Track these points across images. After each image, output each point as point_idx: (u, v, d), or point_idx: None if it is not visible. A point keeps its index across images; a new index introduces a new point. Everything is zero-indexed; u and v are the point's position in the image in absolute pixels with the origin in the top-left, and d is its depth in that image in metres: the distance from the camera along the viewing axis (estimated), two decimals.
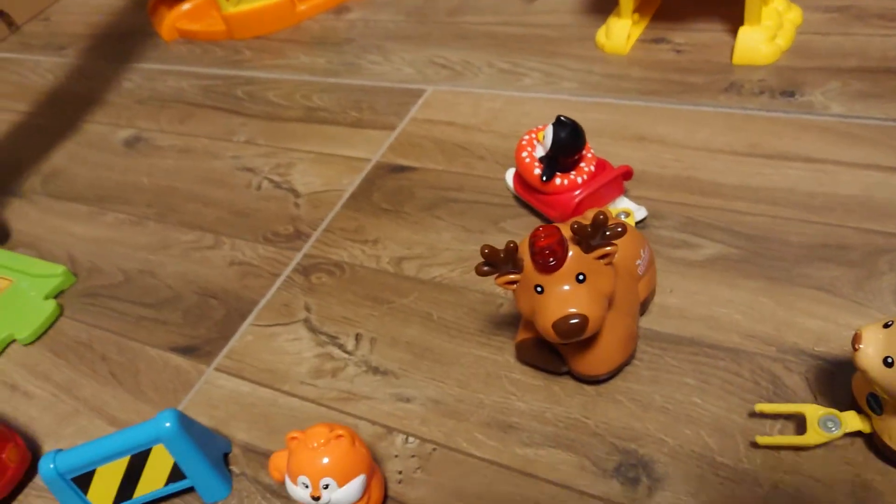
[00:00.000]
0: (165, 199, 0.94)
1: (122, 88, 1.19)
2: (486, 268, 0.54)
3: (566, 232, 0.53)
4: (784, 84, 0.80)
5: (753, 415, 0.55)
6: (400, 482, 0.58)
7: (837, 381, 0.55)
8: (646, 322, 0.63)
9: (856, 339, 0.47)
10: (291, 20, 1.19)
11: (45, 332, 0.81)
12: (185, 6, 1.26)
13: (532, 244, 0.52)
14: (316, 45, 1.13)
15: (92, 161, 1.05)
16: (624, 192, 0.72)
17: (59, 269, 0.85)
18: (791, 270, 0.63)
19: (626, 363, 0.60)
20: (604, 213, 0.50)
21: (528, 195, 0.74)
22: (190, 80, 1.14)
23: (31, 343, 0.80)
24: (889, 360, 0.45)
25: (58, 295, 0.85)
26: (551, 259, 0.51)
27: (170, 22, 1.26)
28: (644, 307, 0.63)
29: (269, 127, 0.99)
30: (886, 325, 0.47)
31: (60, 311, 0.82)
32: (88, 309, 0.82)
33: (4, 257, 0.89)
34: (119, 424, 0.69)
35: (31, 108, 1.22)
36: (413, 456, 0.59)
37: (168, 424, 0.56)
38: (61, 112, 1.18)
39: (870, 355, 0.46)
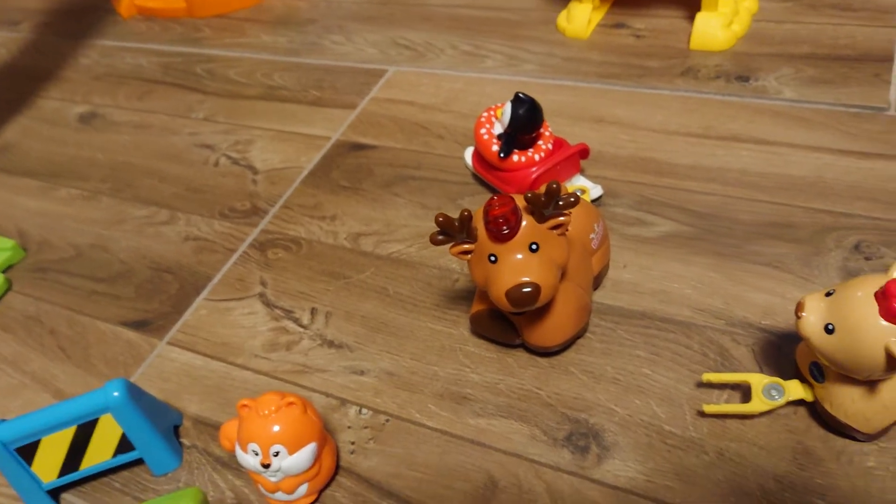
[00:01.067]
0: (120, 174, 0.92)
1: (79, 65, 1.16)
2: (440, 237, 0.54)
3: (520, 202, 0.53)
4: (739, 69, 0.82)
5: (701, 385, 0.56)
6: (353, 452, 0.58)
7: (783, 352, 0.57)
8: (599, 296, 0.64)
9: (798, 308, 0.48)
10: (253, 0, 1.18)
11: None
12: None
13: (486, 213, 0.52)
14: (278, 24, 1.12)
15: (46, 136, 1.02)
16: (580, 171, 0.73)
17: (9, 243, 0.83)
18: (741, 247, 0.65)
19: (579, 335, 0.60)
20: (557, 183, 0.51)
21: (486, 172, 0.74)
22: (149, 57, 1.13)
23: None
24: (830, 327, 0.47)
25: (6, 269, 0.83)
26: (505, 228, 0.52)
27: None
28: (598, 281, 0.63)
29: (229, 104, 0.98)
30: (828, 294, 0.48)
31: (9, 286, 0.80)
32: (38, 283, 0.80)
33: None
34: (67, 398, 0.68)
35: None
36: (366, 427, 0.59)
37: (116, 394, 0.55)
38: (14, 87, 1.15)
39: (812, 322, 0.48)
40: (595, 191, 0.71)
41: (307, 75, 1.00)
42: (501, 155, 0.70)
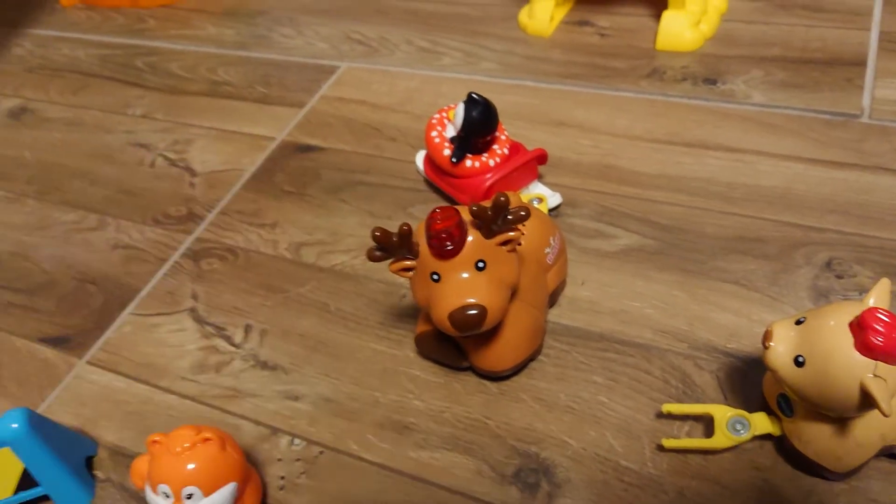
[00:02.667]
0: (48, 175, 0.85)
1: (11, 55, 1.09)
2: (378, 252, 0.49)
3: (466, 215, 0.49)
4: (707, 71, 0.78)
5: (661, 416, 0.52)
6: (282, 488, 0.52)
7: (748, 379, 0.53)
8: (554, 315, 0.59)
9: (766, 337, 0.44)
10: None
11: None
12: None
13: (428, 227, 0.47)
14: (226, 15, 1.05)
15: None
16: (538, 178, 0.68)
17: None
18: (706, 263, 0.61)
19: (532, 359, 0.56)
20: (505, 196, 0.46)
21: (438, 178, 0.69)
22: (87, 49, 1.06)
23: None
24: (800, 359, 0.42)
25: None
26: (448, 244, 0.47)
27: None
28: (553, 299, 0.59)
29: (169, 101, 0.92)
30: (798, 322, 0.44)
31: None
32: None
33: None
34: None
35: None
36: (298, 460, 0.54)
37: (15, 426, 0.49)
38: None
39: (780, 353, 0.43)
40: (553, 199, 0.66)
41: (254, 70, 0.94)
42: (453, 160, 0.65)
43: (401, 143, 0.78)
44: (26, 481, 0.52)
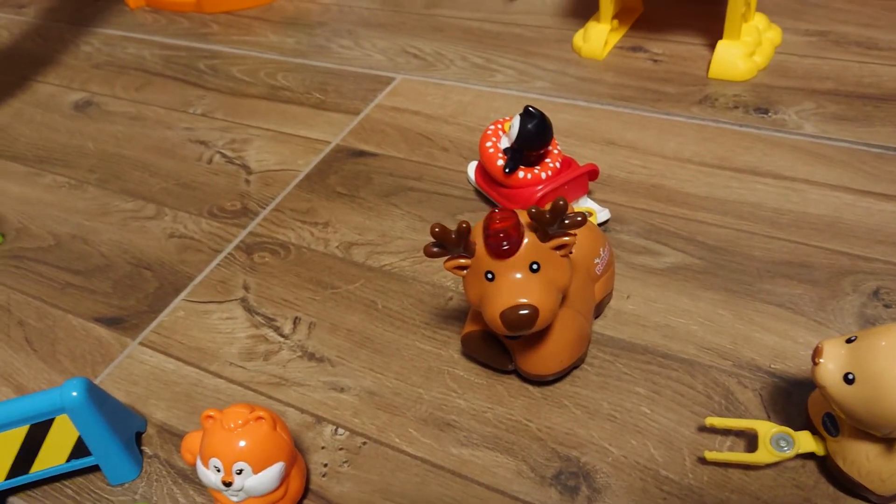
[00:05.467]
0: (110, 165, 0.88)
1: (80, 52, 1.13)
2: (435, 248, 0.50)
3: (523, 218, 0.50)
4: (758, 101, 0.79)
5: (703, 429, 0.52)
6: (324, 475, 0.54)
7: (792, 400, 0.53)
8: (600, 326, 0.60)
9: (816, 353, 0.45)
10: None
11: None
12: None
13: (486, 226, 0.48)
14: (287, 25, 1.09)
15: (38, 121, 0.99)
16: (588, 193, 0.69)
17: None
18: (753, 285, 0.61)
19: (576, 365, 0.56)
20: (564, 200, 0.47)
21: (489, 188, 0.70)
22: (152, 49, 1.10)
23: None
24: (850, 376, 0.43)
25: None
26: (505, 244, 0.48)
27: None
28: (599, 310, 0.60)
29: (229, 102, 0.95)
30: (849, 341, 0.44)
31: None
32: (11, 271, 0.76)
33: None
34: (26, 393, 0.64)
35: None
36: (341, 449, 0.55)
37: (75, 394, 0.51)
38: (12, 70, 1.12)
39: (830, 370, 0.44)
40: (602, 214, 0.67)
41: (312, 77, 0.96)
42: (507, 171, 0.67)
43: (452, 153, 0.80)
44: (79, 450, 0.54)
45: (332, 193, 0.78)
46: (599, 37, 0.89)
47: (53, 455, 0.54)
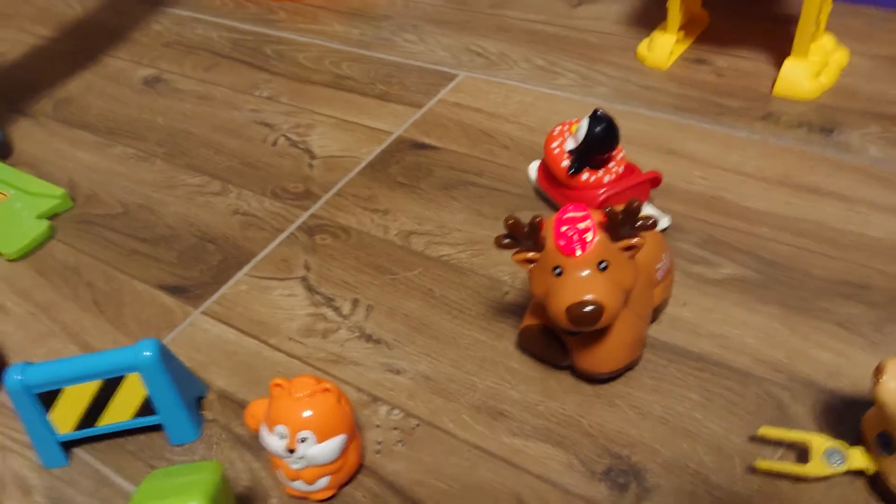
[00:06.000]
0: (177, 140, 0.91)
1: (150, 29, 1.16)
2: (507, 240, 0.52)
3: (595, 216, 0.51)
4: (823, 121, 0.79)
5: (754, 439, 0.53)
6: (378, 452, 0.55)
7: (845, 418, 0.53)
8: (655, 330, 0.61)
9: (878, 371, 0.45)
10: None
11: (32, 251, 0.78)
12: None
13: (559, 222, 0.50)
14: (352, 15, 1.11)
15: (108, 94, 1.02)
16: (649, 200, 0.70)
17: (59, 191, 0.82)
18: (810, 302, 0.61)
19: (630, 367, 0.57)
20: (639, 202, 0.48)
21: (551, 188, 0.72)
22: (220, 31, 1.12)
23: (17, 260, 0.77)
24: None
25: (53, 217, 0.82)
26: (577, 241, 0.49)
27: None
28: (656, 314, 0.60)
29: (294, 87, 0.97)
30: None
31: (52, 233, 0.80)
32: (82, 235, 0.79)
33: (5, 172, 0.86)
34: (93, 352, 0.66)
35: (52, 34, 1.19)
36: (395, 428, 0.57)
37: (147, 353, 0.54)
38: (84, 42, 1.15)
39: (892, 389, 0.44)
40: (663, 221, 0.68)
41: (376, 69, 0.98)
42: (571, 171, 0.68)
43: (513, 152, 0.81)
44: (145, 409, 0.56)
45: (393, 182, 0.79)
46: (665, 47, 0.90)
47: (121, 411, 0.56)
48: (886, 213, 0.68)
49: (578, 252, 0.50)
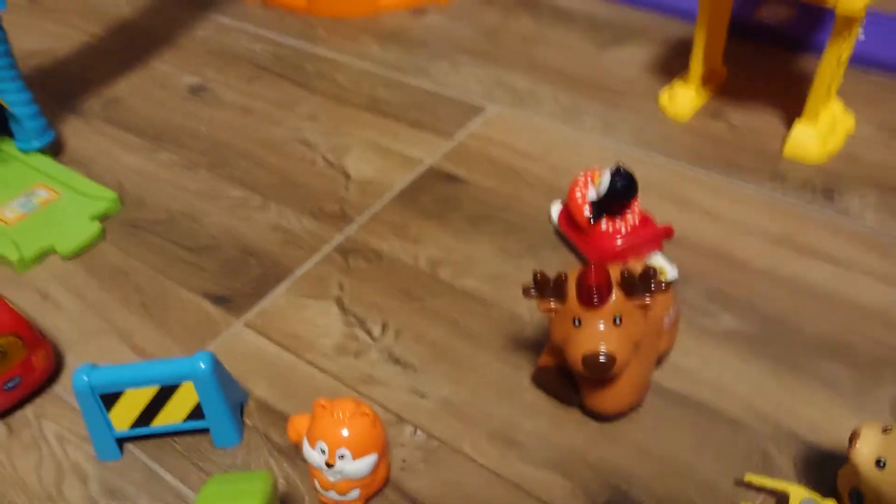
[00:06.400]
0: (220, 151, 0.97)
1: (195, 35, 1.22)
2: (533, 290, 0.58)
3: (613, 273, 0.57)
4: (826, 184, 0.85)
5: (741, 484, 0.59)
6: (403, 469, 0.61)
7: (824, 471, 0.59)
8: (658, 376, 0.67)
9: (854, 437, 0.51)
10: (370, 10, 1.23)
11: (84, 251, 0.84)
12: None
13: (582, 279, 0.56)
14: (390, 39, 1.16)
15: (154, 98, 1.08)
16: (660, 249, 0.76)
17: (111, 194, 0.88)
18: (800, 359, 0.67)
19: (634, 408, 0.63)
20: (654, 269, 0.54)
21: (571, 231, 0.77)
22: (262, 44, 1.18)
23: (69, 258, 0.83)
24: (881, 461, 0.49)
25: (102, 218, 0.87)
26: (596, 297, 0.55)
27: None
28: (660, 361, 0.67)
29: (333, 107, 1.03)
30: (885, 430, 0.51)
31: (103, 235, 0.85)
32: (130, 238, 0.85)
33: (57, 170, 0.92)
34: (141, 353, 0.72)
35: (101, 32, 1.25)
36: (419, 448, 0.63)
37: (202, 365, 0.60)
38: (131, 43, 1.21)
39: (864, 454, 0.50)
40: (671, 272, 0.74)
41: (410, 96, 1.04)
42: (591, 220, 0.74)
43: (538, 191, 0.87)
44: (195, 413, 0.62)
45: (423, 211, 0.85)
46: (685, 99, 0.96)
47: (173, 414, 0.62)
48: (877, 279, 0.74)
49: (596, 306, 0.56)
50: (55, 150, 0.98)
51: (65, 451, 0.65)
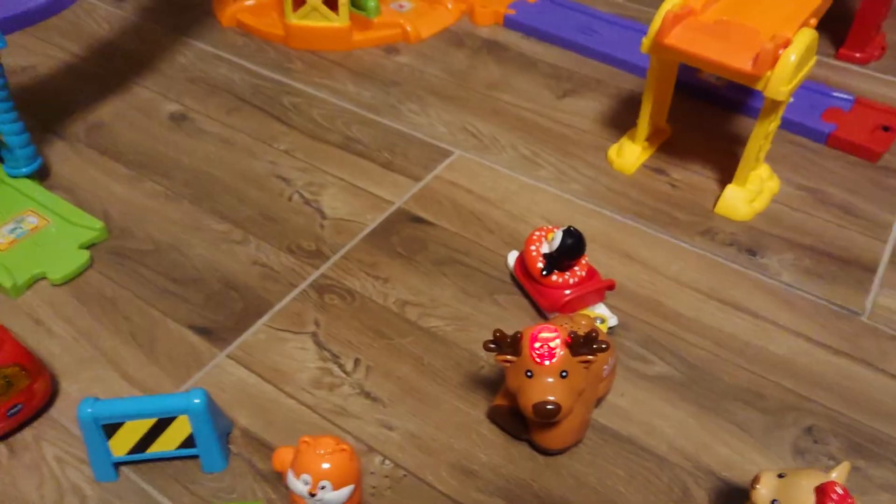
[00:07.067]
0: (203, 183, 1.03)
1: (175, 61, 1.27)
2: (492, 345, 0.67)
3: (562, 333, 0.66)
4: (750, 243, 0.96)
5: None
6: (373, 495, 0.70)
7: (732, 503, 0.70)
8: (596, 414, 0.76)
9: (755, 480, 0.62)
10: (345, 46, 1.30)
11: (73, 279, 0.89)
12: (250, 1, 1.36)
13: (533, 339, 0.65)
14: (364, 77, 1.24)
15: (137, 125, 1.13)
16: (603, 300, 0.86)
17: (98, 223, 0.94)
18: (718, 403, 0.78)
19: (575, 444, 0.73)
20: (596, 331, 0.64)
21: (526, 281, 0.87)
22: (241, 74, 1.24)
23: (59, 286, 0.88)
24: (775, 502, 0.60)
25: (89, 246, 0.93)
26: (546, 355, 0.64)
27: (232, 11, 1.35)
28: (599, 402, 0.76)
29: (309, 144, 1.10)
30: (780, 475, 0.61)
31: (91, 263, 0.91)
32: (117, 268, 0.91)
33: (45, 197, 0.97)
34: (132, 381, 0.79)
35: (83, 53, 1.29)
36: (387, 476, 0.71)
37: (197, 401, 0.67)
38: (113, 66, 1.26)
39: (763, 495, 0.61)
40: (612, 320, 0.84)
41: (383, 136, 1.12)
42: (544, 273, 0.83)
43: (497, 237, 0.96)
44: (187, 442, 0.69)
45: (392, 252, 0.94)
46: (632, 155, 1.06)
47: (167, 442, 0.69)
48: (787, 332, 0.85)
49: (546, 363, 0.65)
50: (42, 174, 1.03)
51: (64, 473, 0.71)
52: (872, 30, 1.28)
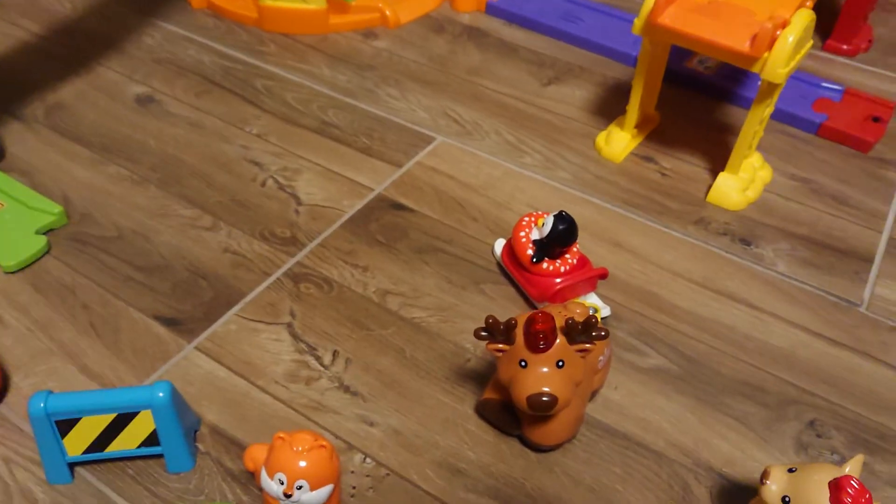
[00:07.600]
0: (170, 167, 0.97)
1: (142, 42, 1.21)
2: (484, 333, 0.62)
3: (558, 321, 0.62)
4: (744, 232, 0.93)
5: None
6: (353, 496, 0.65)
7: (735, 501, 0.66)
8: (590, 409, 0.72)
9: (764, 475, 0.58)
10: (321, 29, 1.25)
11: (28, 266, 0.83)
12: None
13: (529, 325, 0.60)
14: (339, 61, 1.19)
15: (101, 107, 1.07)
16: (595, 289, 0.82)
17: (57, 207, 0.88)
18: (716, 397, 0.74)
19: (569, 441, 0.69)
20: (595, 317, 0.60)
21: (514, 269, 0.82)
22: (211, 56, 1.18)
23: (13, 273, 0.82)
24: (786, 499, 0.56)
25: (47, 232, 0.87)
26: (542, 343, 0.60)
27: None
28: (592, 395, 0.72)
29: (283, 128, 1.05)
30: (790, 470, 0.57)
31: (48, 249, 0.85)
32: (77, 254, 0.85)
33: (1, 180, 0.91)
34: (92, 375, 0.73)
35: (43, 32, 1.22)
36: (368, 476, 0.66)
37: (161, 395, 0.61)
38: (76, 46, 1.19)
39: (773, 491, 0.57)
40: (605, 311, 0.80)
41: (360, 121, 1.07)
42: (534, 260, 0.79)
43: (481, 224, 0.91)
44: (150, 440, 0.64)
45: (372, 240, 0.89)
46: (620, 142, 1.02)
47: (128, 440, 0.63)
48: (786, 324, 0.82)
49: (542, 351, 0.60)
50: None
51: (12, 474, 0.65)
52: (859, 21, 1.26)
